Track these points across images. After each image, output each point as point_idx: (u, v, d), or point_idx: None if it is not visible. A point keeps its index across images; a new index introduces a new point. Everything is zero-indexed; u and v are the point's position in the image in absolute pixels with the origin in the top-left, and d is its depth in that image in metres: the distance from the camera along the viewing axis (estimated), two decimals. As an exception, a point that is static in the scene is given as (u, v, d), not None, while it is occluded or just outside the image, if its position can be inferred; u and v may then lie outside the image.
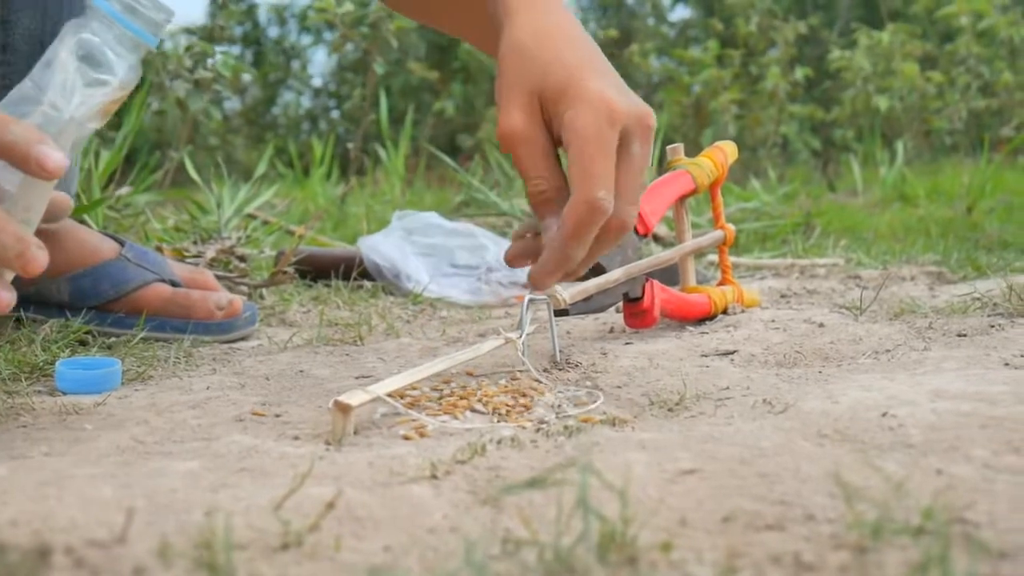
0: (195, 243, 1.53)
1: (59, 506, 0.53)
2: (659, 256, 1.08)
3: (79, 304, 1.10)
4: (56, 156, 0.65)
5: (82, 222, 1.37)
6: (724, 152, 1.19)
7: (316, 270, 1.57)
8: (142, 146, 3.78)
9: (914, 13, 5.08)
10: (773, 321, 1.09)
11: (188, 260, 1.41)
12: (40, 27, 0.97)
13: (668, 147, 1.19)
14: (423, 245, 1.58)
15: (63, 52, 0.68)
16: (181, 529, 0.50)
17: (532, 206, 0.78)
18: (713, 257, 1.73)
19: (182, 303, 1.12)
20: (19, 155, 0.64)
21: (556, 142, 0.77)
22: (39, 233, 0.68)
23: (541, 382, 0.86)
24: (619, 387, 0.86)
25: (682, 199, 1.15)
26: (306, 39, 6.35)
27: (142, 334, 1.07)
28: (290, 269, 1.43)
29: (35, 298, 1.11)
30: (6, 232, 0.64)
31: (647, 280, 1.05)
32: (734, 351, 0.98)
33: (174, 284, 1.15)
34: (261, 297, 1.40)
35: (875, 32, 4.49)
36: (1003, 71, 4.35)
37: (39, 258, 0.65)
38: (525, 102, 0.76)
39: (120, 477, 0.59)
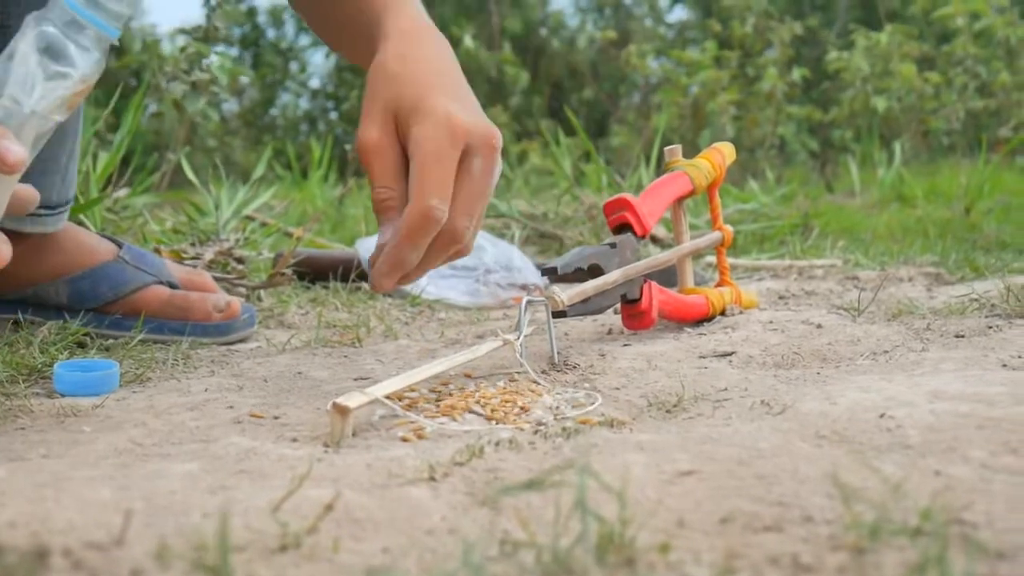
0: (193, 245, 1.53)
1: (57, 508, 0.53)
2: (657, 257, 1.08)
3: (77, 306, 1.10)
4: (16, 150, 0.65)
5: (80, 223, 1.37)
6: (722, 153, 1.19)
7: (314, 272, 1.57)
8: (140, 148, 3.78)
9: (911, 14, 5.08)
10: (771, 322, 1.10)
11: (186, 262, 1.41)
12: None
13: (666, 148, 1.19)
14: (421, 247, 1.58)
15: (23, 45, 0.68)
16: (179, 531, 0.50)
17: (375, 212, 0.82)
18: (711, 258, 1.73)
19: (180, 305, 1.12)
20: None
21: (408, 157, 0.81)
22: (30, 235, 0.68)
23: (539, 384, 0.86)
24: (617, 388, 0.86)
25: (680, 200, 1.15)
26: (304, 40, 6.36)
27: (140, 336, 1.07)
28: (288, 271, 1.43)
29: (33, 300, 1.11)
30: None
31: (645, 281, 1.05)
32: (732, 352, 0.98)
33: (172, 286, 1.15)
34: (259, 299, 1.40)
35: (873, 33, 4.49)
36: (1000, 71, 4.35)
37: (1, 252, 0.66)
38: (381, 118, 0.81)
39: (118, 479, 0.59)
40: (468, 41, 4.78)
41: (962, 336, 1.02)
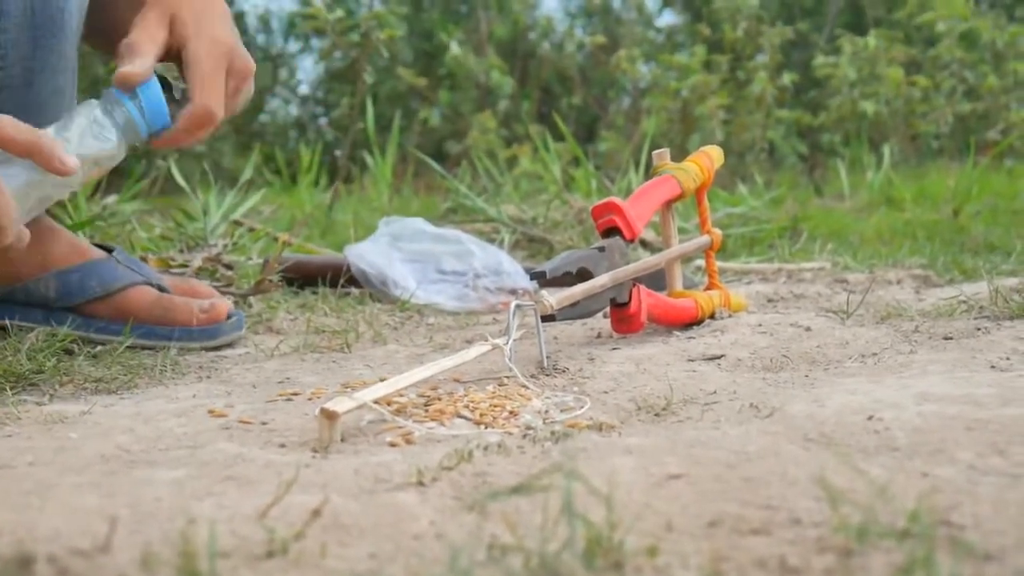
0: (181, 251, 1.52)
1: (42, 515, 0.52)
2: (646, 261, 1.08)
3: (65, 301, 1.10)
4: (72, 159, 0.87)
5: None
6: (710, 157, 1.19)
7: (303, 277, 1.57)
8: (128, 154, 3.76)
9: (898, 19, 5.10)
10: (760, 325, 1.10)
11: (174, 270, 1.41)
12: None
13: (654, 152, 1.19)
14: (410, 251, 1.57)
15: (85, 111, 0.92)
16: (165, 538, 0.50)
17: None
18: (700, 262, 1.73)
19: (165, 306, 1.11)
20: (46, 153, 0.86)
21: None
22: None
23: (528, 388, 0.86)
24: (606, 392, 0.86)
25: (668, 204, 1.15)
26: (293, 46, 6.35)
27: (128, 342, 1.07)
28: (275, 278, 1.43)
29: (21, 295, 1.10)
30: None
31: (634, 285, 1.05)
32: (721, 356, 0.98)
33: (161, 289, 1.14)
34: (248, 305, 1.40)
35: (859, 38, 4.50)
36: (988, 75, 4.36)
37: (22, 238, 0.86)
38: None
39: (104, 486, 0.59)
40: (455, 48, 4.77)
41: (950, 338, 1.02)
